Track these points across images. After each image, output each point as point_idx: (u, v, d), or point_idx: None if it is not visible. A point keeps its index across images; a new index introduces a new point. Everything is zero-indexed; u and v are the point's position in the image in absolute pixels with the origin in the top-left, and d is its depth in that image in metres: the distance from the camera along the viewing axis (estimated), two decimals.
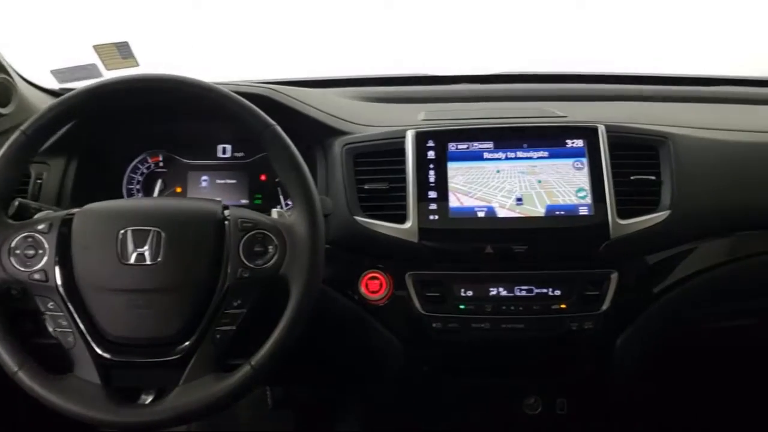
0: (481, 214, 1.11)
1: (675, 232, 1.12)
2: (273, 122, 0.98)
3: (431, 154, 1.14)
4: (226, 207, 0.99)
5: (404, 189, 1.12)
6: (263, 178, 1.30)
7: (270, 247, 0.95)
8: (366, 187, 1.13)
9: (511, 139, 1.15)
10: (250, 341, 0.94)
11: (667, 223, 1.10)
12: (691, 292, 1.15)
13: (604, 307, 1.10)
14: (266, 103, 1.17)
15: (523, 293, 1.11)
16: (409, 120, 1.24)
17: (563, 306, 1.10)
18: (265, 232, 0.95)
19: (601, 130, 1.13)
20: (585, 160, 1.13)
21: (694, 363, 1.42)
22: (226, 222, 0.96)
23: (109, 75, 1.60)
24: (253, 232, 0.95)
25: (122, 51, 1.55)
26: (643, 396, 1.39)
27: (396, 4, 2.21)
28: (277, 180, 1.25)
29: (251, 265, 0.94)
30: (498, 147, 1.14)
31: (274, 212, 1.01)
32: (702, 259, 1.15)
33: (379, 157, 1.15)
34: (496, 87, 1.57)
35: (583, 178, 1.12)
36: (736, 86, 1.57)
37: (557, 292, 1.11)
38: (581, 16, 2.11)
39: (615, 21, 2.01)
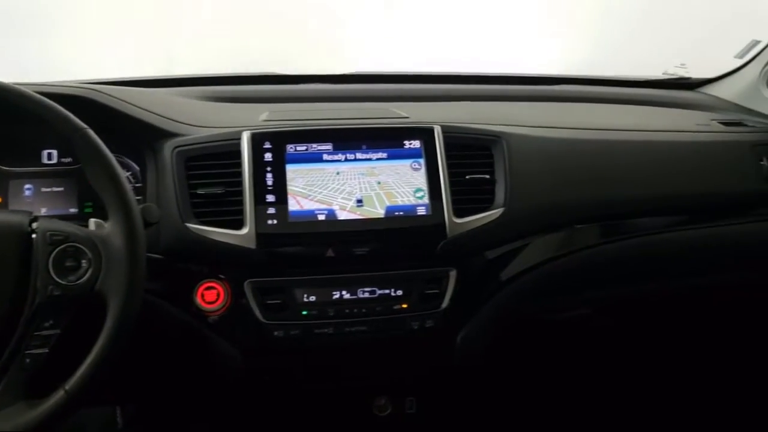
0: (321, 217, 1.09)
1: (510, 228, 1.15)
2: (84, 126, 0.91)
3: (268, 156, 1.10)
4: (35, 219, 0.91)
5: (241, 193, 1.08)
6: None
7: (83, 261, 0.88)
8: (199, 192, 1.08)
9: (351, 140, 1.14)
10: (68, 363, 0.87)
11: (502, 220, 1.13)
12: (527, 286, 1.18)
13: (444, 304, 1.11)
14: (86, 104, 1.09)
15: (366, 295, 1.11)
16: (249, 120, 1.19)
17: (405, 306, 1.11)
18: (78, 245, 0.88)
19: (437, 130, 1.14)
20: (422, 161, 1.14)
21: (537, 354, 1.47)
22: (34, 235, 0.88)
23: None
24: (63, 246, 0.87)
25: None
26: (488, 389, 1.43)
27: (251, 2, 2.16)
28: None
29: (63, 282, 0.86)
30: (337, 148, 1.13)
31: (92, 222, 0.94)
32: (536, 254, 1.19)
33: (213, 160, 1.10)
34: (347, 87, 1.56)
35: (420, 179, 1.13)
36: (573, 85, 1.64)
37: (399, 292, 1.11)
38: (436, 17, 2.16)
39: (464, 22, 2.07)
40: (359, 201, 1.10)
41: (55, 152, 1.22)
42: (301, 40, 1.97)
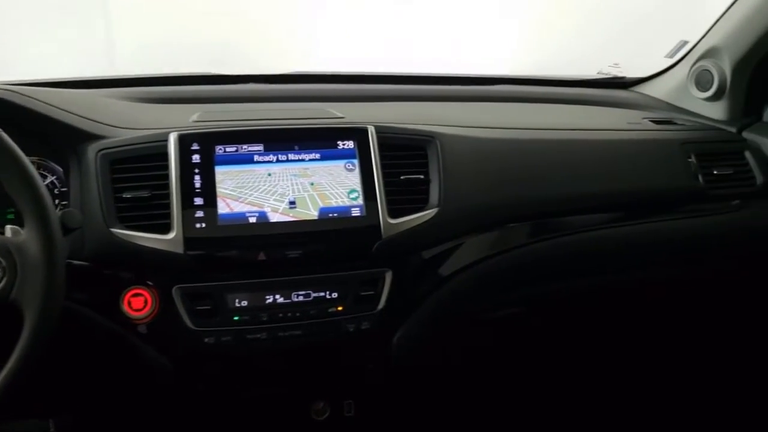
0: (252, 220, 1.06)
1: (444, 228, 1.15)
2: None
3: (196, 158, 1.07)
4: None
5: (168, 196, 1.05)
6: None
7: None
8: (125, 195, 1.04)
9: (282, 141, 1.12)
10: None
11: (436, 220, 1.13)
12: (463, 285, 1.18)
13: (380, 306, 1.11)
14: (2, 106, 1.05)
15: (301, 299, 1.09)
16: (179, 121, 1.16)
17: (340, 308, 1.09)
18: None
19: (371, 130, 1.14)
20: (356, 162, 1.13)
21: (474, 354, 1.48)
22: None
23: None
24: None
25: None
26: (426, 390, 1.43)
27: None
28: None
29: None
30: (269, 149, 1.11)
31: (8, 229, 0.90)
32: (471, 253, 1.19)
33: (139, 163, 1.07)
34: (284, 87, 1.54)
35: (354, 180, 1.11)
36: (510, 85, 1.66)
37: (334, 295, 1.10)
38: (376, 16, 2.15)
39: (399, 22, 2.07)
40: (292, 203, 1.08)
41: None
42: (240, 40, 1.95)
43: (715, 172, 1.39)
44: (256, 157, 1.10)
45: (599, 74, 1.79)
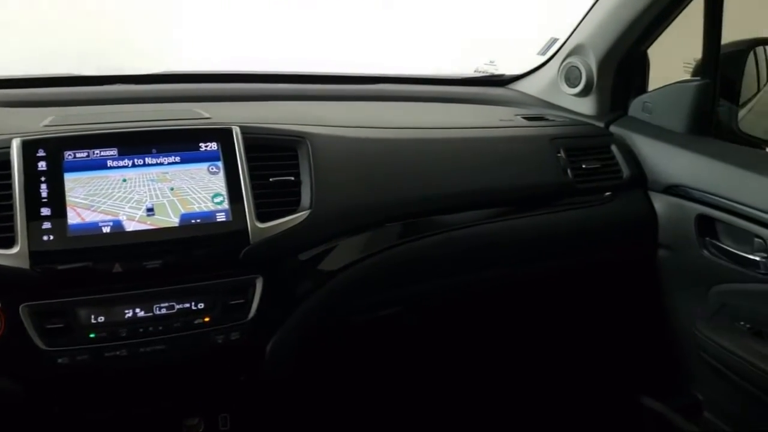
0: (106, 230, 1.00)
1: (317, 230, 1.12)
2: None
3: (43, 165, 1.00)
4: None
5: (11, 208, 0.97)
6: None
7: None
8: None
9: (138, 144, 1.06)
10: None
11: (308, 222, 1.10)
12: (338, 288, 1.16)
13: (251, 314, 1.07)
14: None
15: (164, 311, 1.03)
16: (28, 126, 1.08)
17: (207, 319, 1.04)
18: None
19: (236, 131, 1.10)
20: (220, 164, 1.08)
21: (353, 359, 1.46)
22: None
23: None
24: None
25: None
26: (305, 397, 1.40)
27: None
28: None
29: None
30: (123, 153, 1.04)
31: None
32: (347, 254, 1.17)
33: None
34: (152, 88, 1.47)
35: (219, 183, 1.07)
36: (389, 84, 1.65)
37: (200, 306, 1.05)
38: (244, 15, 2.10)
39: (276, 20, 2.04)
40: (150, 209, 1.03)
41: None
42: (104, 38, 1.85)
43: (583, 166, 1.42)
44: (109, 162, 1.04)
45: (476, 72, 1.82)
